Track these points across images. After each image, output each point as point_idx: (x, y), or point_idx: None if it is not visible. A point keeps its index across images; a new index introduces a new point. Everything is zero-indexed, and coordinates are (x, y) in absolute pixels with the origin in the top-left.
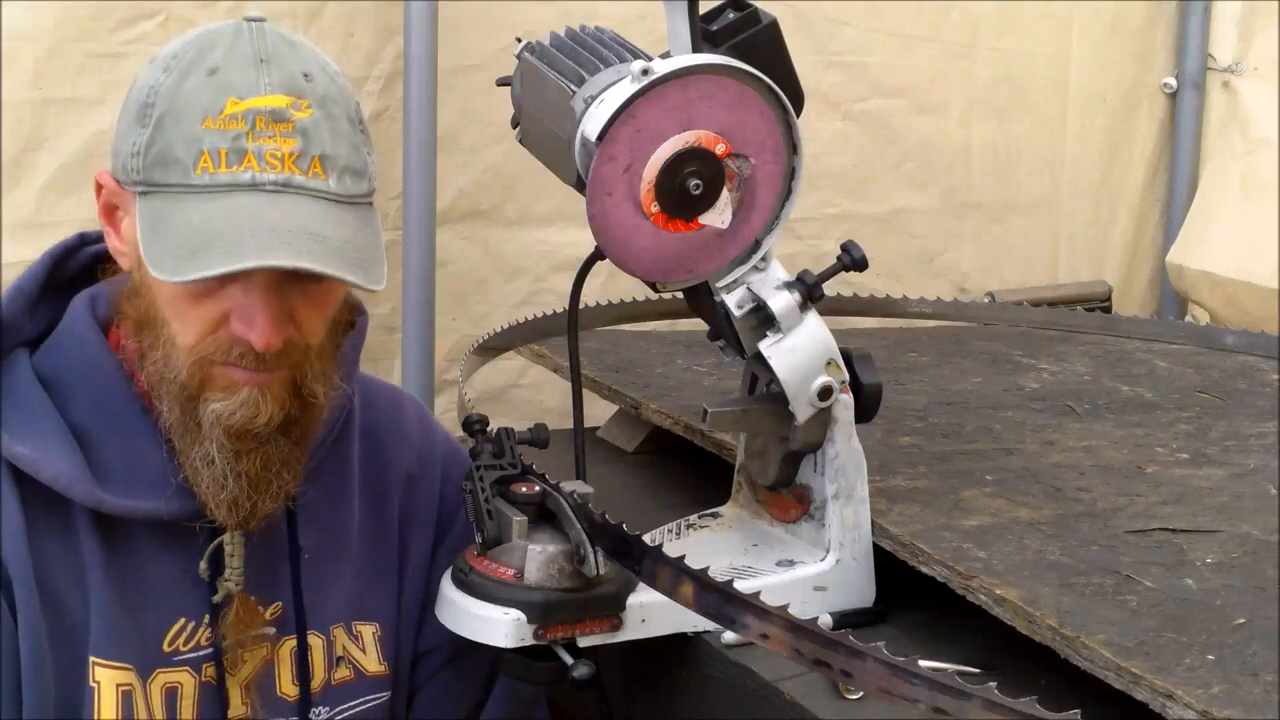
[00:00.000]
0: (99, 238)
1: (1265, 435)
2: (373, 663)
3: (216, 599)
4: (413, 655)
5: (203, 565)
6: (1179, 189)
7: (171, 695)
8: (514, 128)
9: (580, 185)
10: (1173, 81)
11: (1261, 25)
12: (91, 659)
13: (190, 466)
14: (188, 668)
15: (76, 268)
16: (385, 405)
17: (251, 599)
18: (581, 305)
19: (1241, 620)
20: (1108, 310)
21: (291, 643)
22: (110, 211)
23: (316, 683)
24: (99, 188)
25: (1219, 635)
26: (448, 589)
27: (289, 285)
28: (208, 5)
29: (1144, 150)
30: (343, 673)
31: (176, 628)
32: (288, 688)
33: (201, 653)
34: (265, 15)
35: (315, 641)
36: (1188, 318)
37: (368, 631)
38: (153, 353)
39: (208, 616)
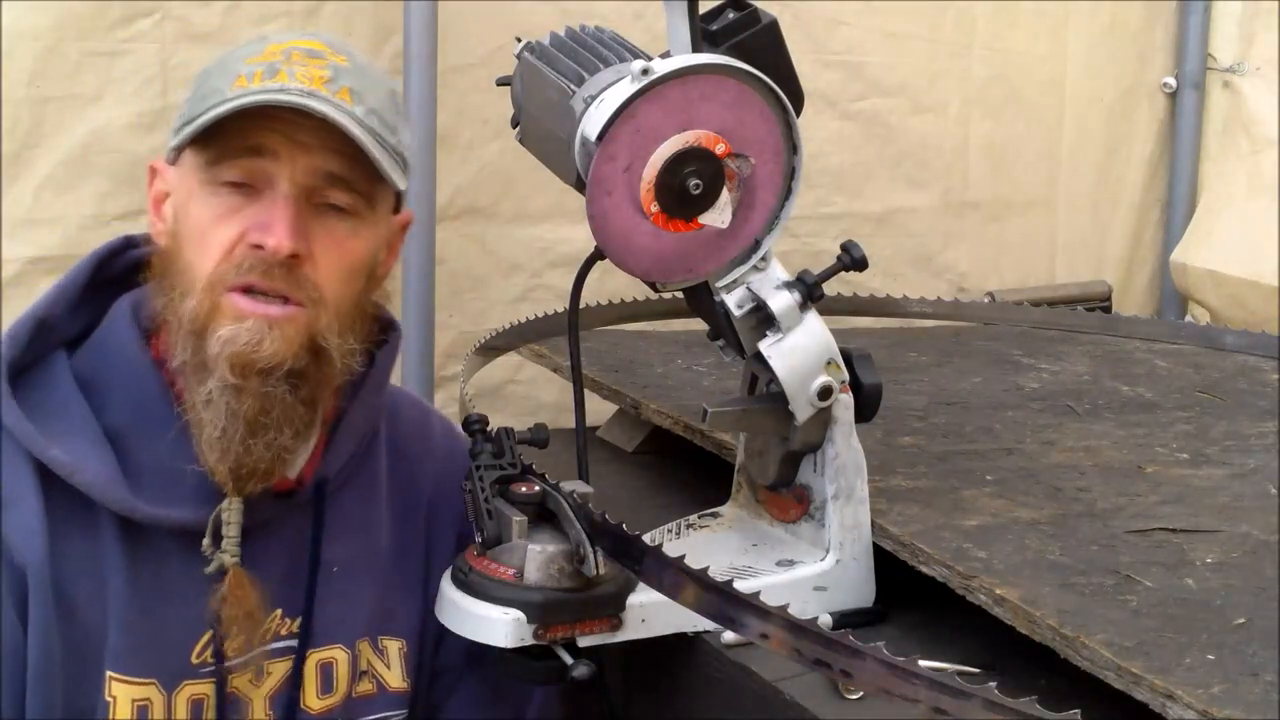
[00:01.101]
0: (145, 241)
1: (1265, 435)
2: (396, 679)
3: (209, 570)
4: (431, 671)
5: (205, 541)
6: (1179, 189)
7: (197, 707)
8: (514, 127)
9: (580, 185)
10: (1172, 81)
11: (1263, 25)
12: (108, 673)
13: (192, 410)
14: (215, 680)
15: (121, 269)
16: (412, 420)
17: (249, 576)
18: (581, 304)
19: (1241, 620)
20: (1108, 310)
21: (319, 655)
22: (159, 201)
23: (338, 696)
24: (152, 174)
25: (1219, 635)
26: (448, 589)
27: (309, 213)
28: (204, 4)
29: (1143, 150)
30: (365, 686)
31: (205, 639)
32: (312, 701)
33: (228, 663)
34: (262, 14)
35: (340, 655)
36: (1188, 317)
37: (393, 647)
38: (171, 296)
39: (235, 629)
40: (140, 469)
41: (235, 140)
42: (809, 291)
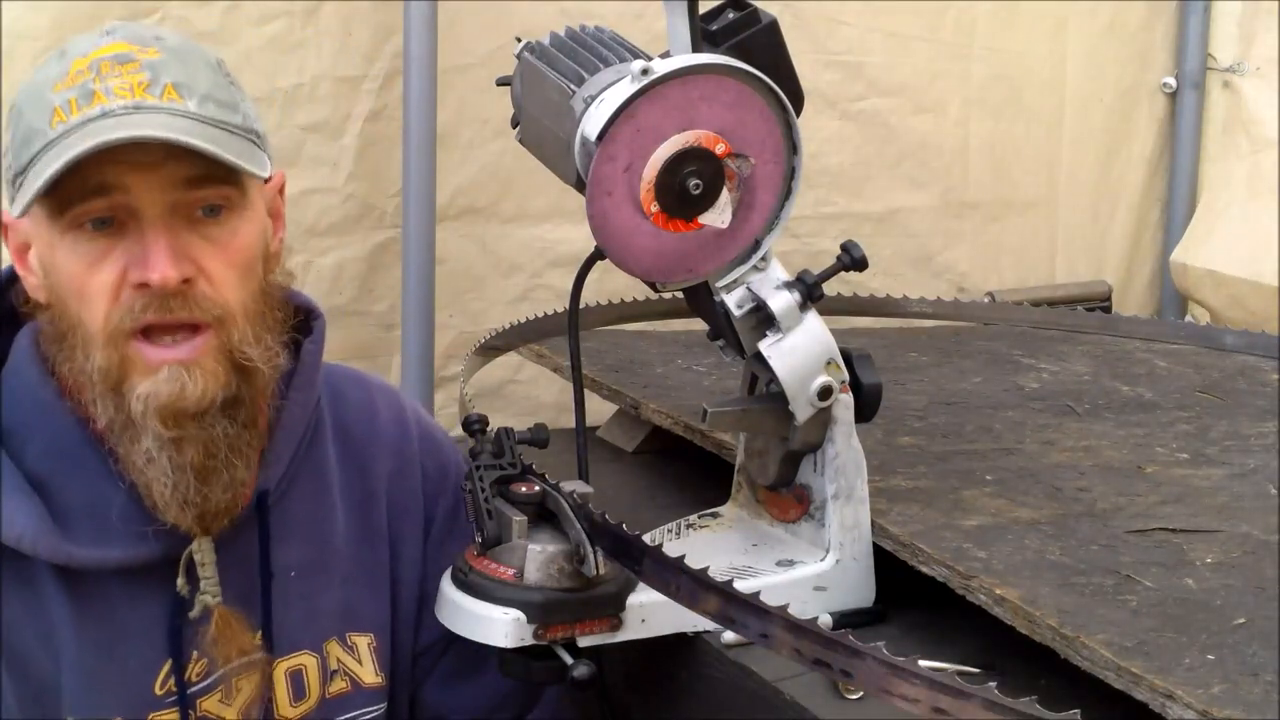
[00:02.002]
0: None
1: (1265, 435)
2: (369, 674)
3: (193, 615)
4: (412, 656)
5: (180, 581)
6: (1179, 189)
7: None
8: (514, 127)
9: (580, 185)
10: (1172, 81)
11: (1263, 25)
12: None
13: (135, 470)
14: (180, 706)
15: (15, 299)
16: (356, 401)
17: (233, 612)
18: (581, 304)
19: (1241, 620)
20: (1108, 310)
21: (287, 663)
22: (22, 255)
23: (312, 701)
24: (4, 230)
25: (1219, 635)
26: (448, 589)
27: (181, 227)
28: (204, 5)
29: (1143, 150)
30: (338, 685)
31: (166, 668)
32: (286, 710)
33: (194, 688)
34: (262, 14)
35: (309, 660)
36: (1188, 318)
37: (363, 642)
38: (74, 357)
39: (195, 653)
40: (68, 514)
41: (76, 185)
42: (809, 291)
